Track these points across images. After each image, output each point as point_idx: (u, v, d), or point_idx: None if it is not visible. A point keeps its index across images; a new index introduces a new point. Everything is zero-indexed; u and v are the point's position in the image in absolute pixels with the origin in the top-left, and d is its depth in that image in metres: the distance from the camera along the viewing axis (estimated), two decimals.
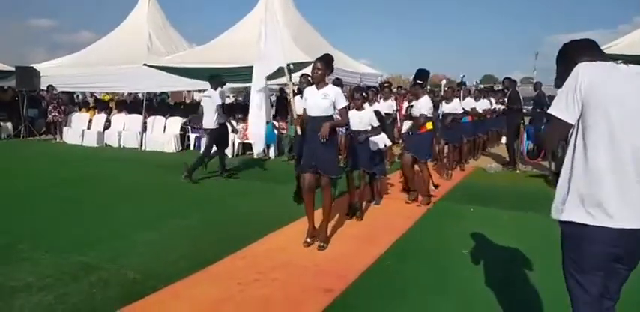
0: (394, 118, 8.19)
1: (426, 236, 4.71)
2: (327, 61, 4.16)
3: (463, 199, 6.07)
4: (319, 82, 4.15)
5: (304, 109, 4.32)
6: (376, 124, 5.22)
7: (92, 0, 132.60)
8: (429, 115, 5.75)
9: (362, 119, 5.15)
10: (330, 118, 4.14)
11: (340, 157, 4.77)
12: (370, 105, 7.67)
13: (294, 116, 4.75)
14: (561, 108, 1.86)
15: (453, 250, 4.26)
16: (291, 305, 3.16)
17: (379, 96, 8.72)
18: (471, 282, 3.53)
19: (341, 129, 6.65)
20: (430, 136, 5.76)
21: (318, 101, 4.10)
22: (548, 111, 1.89)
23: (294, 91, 5.48)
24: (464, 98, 7.96)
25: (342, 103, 4.13)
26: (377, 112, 5.46)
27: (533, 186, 7.34)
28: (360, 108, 5.18)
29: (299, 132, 4.52)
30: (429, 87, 10.25)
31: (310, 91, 4.23)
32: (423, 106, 5.72)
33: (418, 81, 5.77)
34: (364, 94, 5.30)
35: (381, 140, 5.44)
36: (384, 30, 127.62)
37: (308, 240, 4.29)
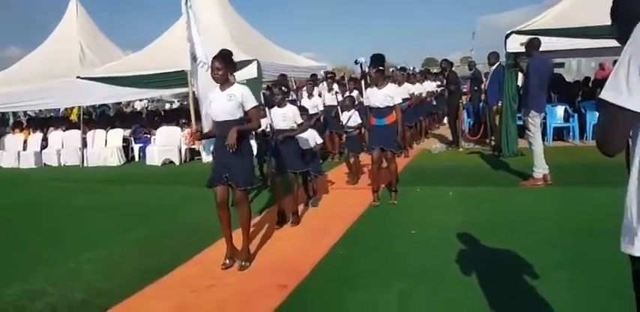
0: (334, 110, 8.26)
1: (376, 221, 4.82)
2: (225, 58, 3.70)
3: (410, 181, 6.21)
4: (223, 83, 3.70)
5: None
6: (300, 121, 4.88)
7: (18, 13, 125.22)
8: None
9: (285, 116, 4.81)
10: (240, 122, 3.70)
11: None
12: (309, 98, 7.78)
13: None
14: (621, 89, 1.27)
15: (402, 231, 4.40)
16: (246, 305, 3.17)
17: (326, 87, 8.78)
18: (420, 263, 3.64)
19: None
20: (396, 126, 5.23)
21: (223, 104, 3.67)
22: (601, 96, 1.32)
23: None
24: (400, 84, 8.13)
25: (252, 102, 3.70)
26: (302, 108, 5.26)
27: (475, 162, 7.67)
28: (281, 104, 4.86)
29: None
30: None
31: (214, 93, 3.79)
32: (396, 94, 5.27)
33: (380, 67, 5.25)
34: (283, 88, 4.97)
35: (311, 137, 5.19)
36: (325, 22, 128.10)
37: (227, 262, 3.81)
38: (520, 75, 7.66)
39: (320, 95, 8.59)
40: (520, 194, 5.49)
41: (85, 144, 10.65)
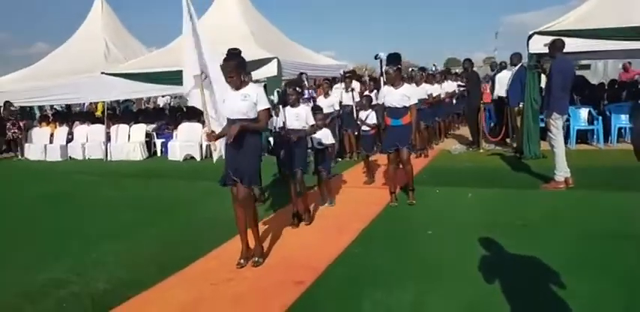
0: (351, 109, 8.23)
1: (393, 221, 4.82)
2: (234, 61, 3.65)
3: (429, 182, 6.20)
4: (238, 85, 3.71)
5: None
6: (312, 122, 4.83)
7: (46, 10, 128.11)
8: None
9: (298, 116, 4.75)
10: (253, 121, 3.72)
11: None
12: (325, 97, 7.80)
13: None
14: None
15: (419, 231, 4.39)
16: (263, 300, 3.23)
17: (344, 87, 8.74)
18: (437, 264, 3.63)
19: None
20: (412, 126, 5.20)
21: (237, 103, 3.68)
22: None
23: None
24: (418, 84, 8.08)
25: (264, 104, 3.72)
26: (317, 107, 5.24)
27: (495, 163, 7.57)
28: (294, 105, 4.79)
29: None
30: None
31: (229, 92, 3.80)
32: (412, 94, 5.24)
33: (398, 66, 5.22)
34: (297, 88, 4.90)
35: (325, 137, 5.18)
36: (346, 21, 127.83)
37: (241, 261, 3.82)
38: (543, 76, 7.55)
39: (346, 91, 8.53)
40: (541, 197, 5.41)
41: (108, 138, 10.87)
